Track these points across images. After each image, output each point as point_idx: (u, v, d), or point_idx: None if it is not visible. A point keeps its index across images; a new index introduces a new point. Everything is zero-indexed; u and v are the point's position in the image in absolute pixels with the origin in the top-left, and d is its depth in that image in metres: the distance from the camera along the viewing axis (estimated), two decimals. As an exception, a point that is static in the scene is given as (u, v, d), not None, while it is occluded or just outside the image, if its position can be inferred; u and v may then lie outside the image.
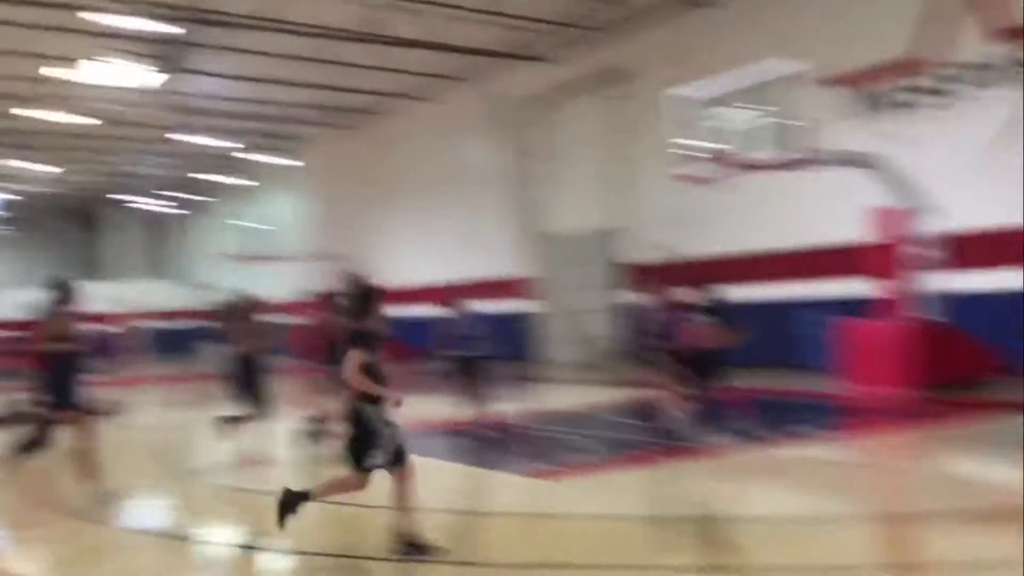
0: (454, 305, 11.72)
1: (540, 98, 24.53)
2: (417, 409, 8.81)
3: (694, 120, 12.76)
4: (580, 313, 22.49)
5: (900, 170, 13.47)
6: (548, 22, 21.24)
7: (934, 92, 15.71)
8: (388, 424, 6.40)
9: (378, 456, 6.31)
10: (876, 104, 16.64)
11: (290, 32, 21.06)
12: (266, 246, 35.84)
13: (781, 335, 17.03)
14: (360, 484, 6.46)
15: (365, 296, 6.80)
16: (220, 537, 7.54)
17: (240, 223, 39.83)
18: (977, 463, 8.70)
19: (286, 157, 35.32)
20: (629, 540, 6.54)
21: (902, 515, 6.85)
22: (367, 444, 6.33)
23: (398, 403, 6.47)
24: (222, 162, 36.62)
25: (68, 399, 8.69)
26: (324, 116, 31.16)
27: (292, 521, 6.29)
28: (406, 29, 21.44)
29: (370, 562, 6.39)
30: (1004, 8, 10.70)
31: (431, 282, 29.51)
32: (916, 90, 15.97)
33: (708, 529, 6.79)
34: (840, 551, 6.02)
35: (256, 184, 38.28)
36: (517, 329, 23.90)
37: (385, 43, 22.19)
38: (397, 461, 6.40)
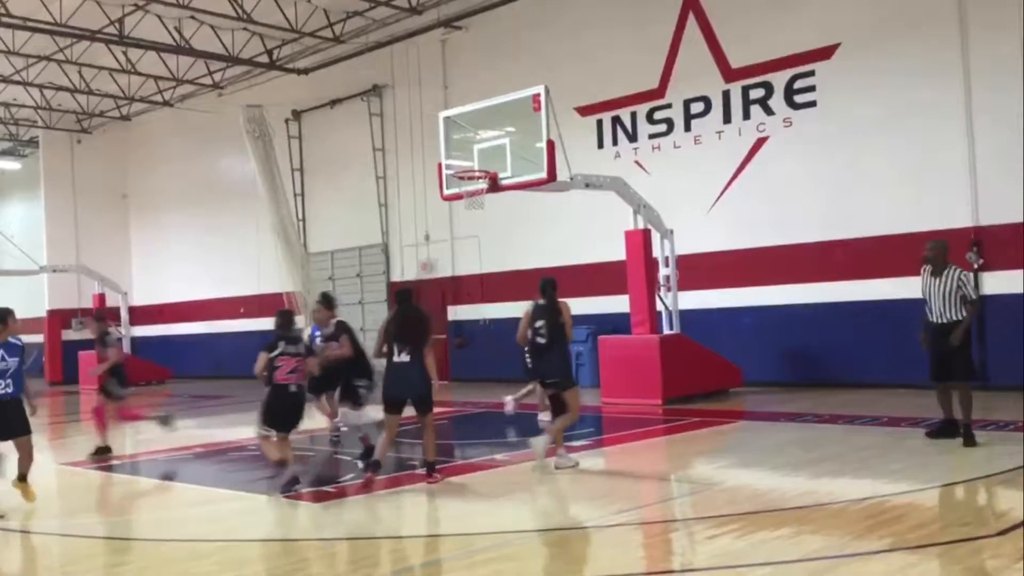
0: None
1: (297, 111, 23.99)
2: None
3: (458, 141, 12.96)
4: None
5: (645, 196, 14.37)
6: (299, 32, 20.89)
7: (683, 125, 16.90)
8: None
9: None
10: (627, 133, 17.64)
11: (27, 28, 19.56)
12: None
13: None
14: None
15: None
16: None
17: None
18: (716, 467, 9.31)
19: (17, 161, 32.62)
20: (376, 559, 6.51)
21: (659, 521, 7.23)
22: None
23: None
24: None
25: None
26: (62, 119, 29.03)
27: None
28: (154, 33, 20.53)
29: None
30: None
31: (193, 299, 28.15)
32: (665, 122, 17.12)
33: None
34: (602, 558, 6.26)
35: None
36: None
37: (130, 46, 21.10)
38: None
